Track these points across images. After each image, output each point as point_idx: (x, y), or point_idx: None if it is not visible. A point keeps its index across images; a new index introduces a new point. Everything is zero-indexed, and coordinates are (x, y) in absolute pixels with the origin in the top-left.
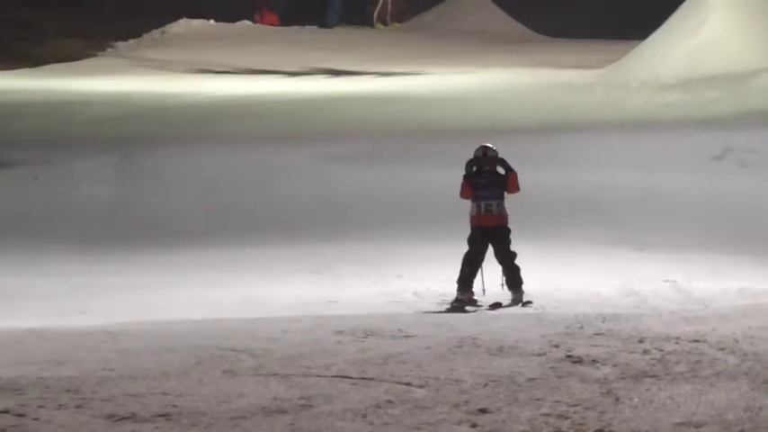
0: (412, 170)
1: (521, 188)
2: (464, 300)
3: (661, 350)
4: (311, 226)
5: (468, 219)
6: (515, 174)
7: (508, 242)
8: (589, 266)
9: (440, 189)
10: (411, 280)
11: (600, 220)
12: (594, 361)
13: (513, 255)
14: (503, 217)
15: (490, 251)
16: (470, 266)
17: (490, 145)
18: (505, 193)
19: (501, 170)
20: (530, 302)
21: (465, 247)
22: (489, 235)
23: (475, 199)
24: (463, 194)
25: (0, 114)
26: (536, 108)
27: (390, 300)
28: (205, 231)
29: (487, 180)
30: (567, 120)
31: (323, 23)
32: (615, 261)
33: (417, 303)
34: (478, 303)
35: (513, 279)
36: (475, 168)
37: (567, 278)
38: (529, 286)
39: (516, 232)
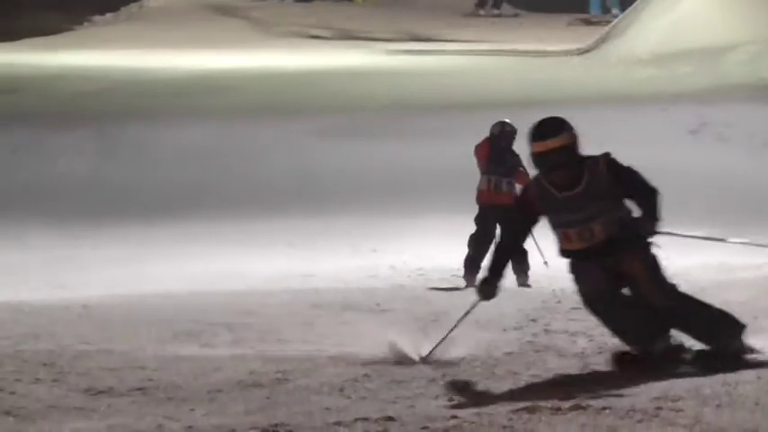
0: (387, 145)
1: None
2: (472, 285)
3: None
4: (288, 200)
5: (474, 195)
6: (524, 173)
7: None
8: None
9: (415, 163)
10: (387, 254)
11: None
12: (572, 335)
13: None
14: (513, 196)
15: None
16: (476, 247)
17: (508, 120)
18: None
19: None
20: (529, 286)
21: (441, 221)
22: (496, 214)
23: (486, 171)
24: (478, 151)
25: None
26: (514, 83)
27: (367, 274)
28: (183, 205)
29: (501, 155)
30: (544, 95)
31: None
32: None
33: (393, 277)
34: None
35: (519, 264)
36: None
37: (543, 252)
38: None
39: None
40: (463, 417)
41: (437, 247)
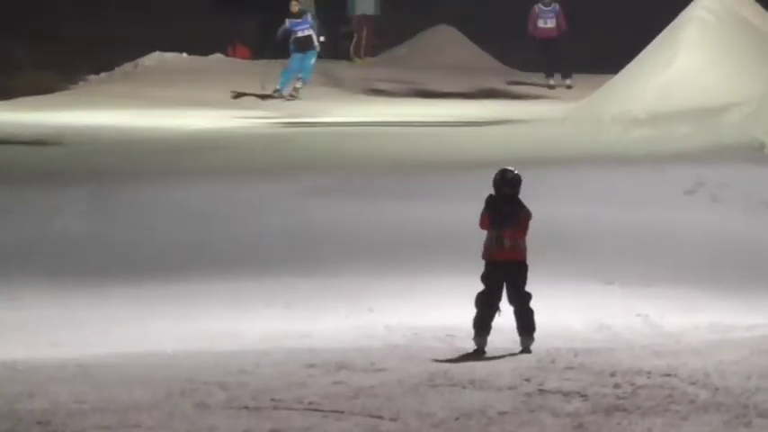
0: (382, 204)
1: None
2: (482, 347)
3: (632, 384)
4: (283, 260)
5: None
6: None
7: (523, 280)
8: (560, 300)
9: (410, 223)
10: (383, 313)
11: (570, 254)
12: (566, 395)
13: (528, 296)
14: (519, 251)
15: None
16: (484, 308)
17: (510, 168)
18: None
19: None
20: (529, 351)
21: (436, 280)
22: (503, 271)
23: (490, 229)
24: (481, 224)
25: None
26: (507, 141)
27: (362, 333)
28: (178, 265)
29: (507, 207)
30: (539, 153)
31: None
32: (586, 295)
33: (389, 337)
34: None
35: (525, 324)
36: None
37: (537, 312)
38: (499, 320)
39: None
40: None
41: (432, 307)
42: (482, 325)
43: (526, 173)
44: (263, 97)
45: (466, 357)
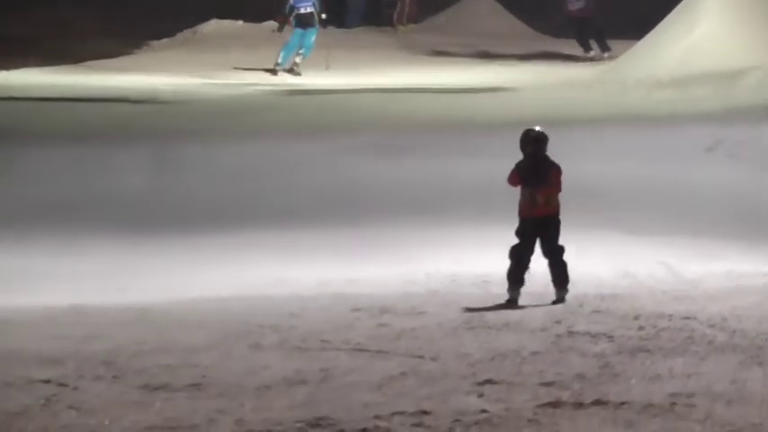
0: (421, 161)
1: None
2: (515, 298)
3: (655, 327)
4: (328, 212)
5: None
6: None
7: (557, 234)
8: (587, 249)
9: (447, 178)
10: (422, 261)
11: (597, 207)
12: (593, 336)
13: (561, 249)
14: (552, 207)
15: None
16: (518, 260)
17: (537, 128)
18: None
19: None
20: (563, 301)
21: (473, 230)
22: (537, 226)
23: (523, 186)
24: (510, 180)
25: (43, 108)
26: (538, 104)
27: (404, 280)
28: (232, 217)
29: (533, 166)
30: (568, 115)
31: (342, 24)
32: (611, 245)
33: (429, 283)
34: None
35: (559, 276)
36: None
37: (567, 260)
38: (531, 267)
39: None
40: (492, 411)
41: (468, 255)
42: (516, 278)
43: (556, 133)
44: (272, 72)
45: (500, 304)
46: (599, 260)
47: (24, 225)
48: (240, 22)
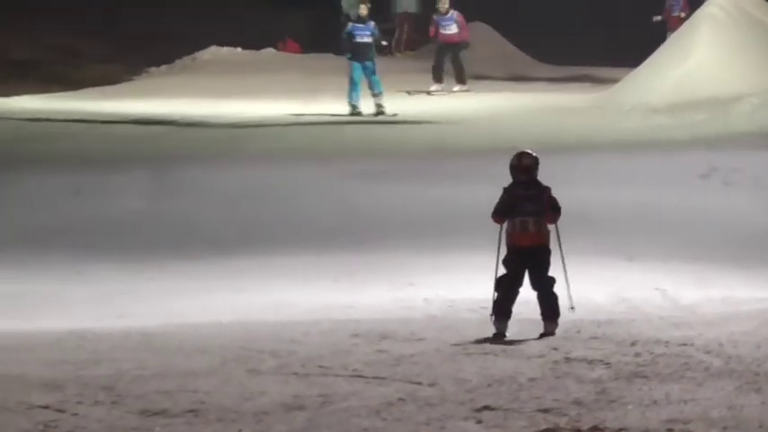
0: (422, 187)
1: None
2: (502, 332)
3: (651, 353)
4: (330, 237)
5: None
6: (557, 213)
7: (546, 265)
8: (584, 275)
9: (447, 204)
10: (421, 287)
11: (593, 233)
12: (590, 362)
13: (551, 281)
14: (542, 236)
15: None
16: (505, 292)
17: (529, 151)
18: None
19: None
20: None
21: (471, 257)
22: (526, 256)
23: (511, 215)
24: (494, 216)
25: (43, 134)
26: (536, 129)
27: (403, 305)
28: (232, 242)
29: (525, 192)
30: (564, 140)
31: (340, 51)
32: (608, 271)
33: (427, 309)
34: (506, 339)
35: (548, 309)
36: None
37: (562, 286)
38: (527, 293)
39: None
40: None
41: (466, 282)
42: (503, 310)
43: (552, 158)
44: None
45: (488, 337)
46: (596, 286)
47: (23, 250)
48: (239, 49)
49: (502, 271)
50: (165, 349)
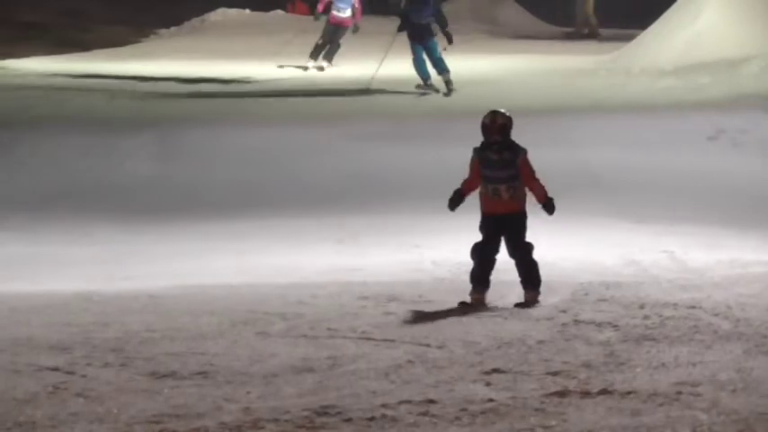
0: (427, 149)
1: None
2: (480, 301)
3: (660, 315)
4: (336, 200)
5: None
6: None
7: (522, 232)
8: (592, 238)
9: (453, 166)
10: (428, 249)
11: (601, 195)
12: (598, 325)
13: (528, 247)
14: (517, 201)
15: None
16: (480, 259)
17: (503, 110)
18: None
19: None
20: (529, 306)
21: (477, 219)
22: (500, 223)
23: (483, 180)
24: (465, 183)
25: (51, 96)
26: (545, 91)
27: (410, 268)
28: (238, 204)
29: (497, 156)
30: (573, 102)
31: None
32: (616, 233)
33: (435, 271)
34: (488, 305)
35: (527, 276)
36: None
37: (571, 248)
38: (535, 255)
39: None
40: (499, 400)
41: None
42: (479, 278)
43: (561, 119)
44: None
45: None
46: (604, 248)
47: (31, 212)
48: (247, 11)
49: (478, 237)
50: (173, 311)
